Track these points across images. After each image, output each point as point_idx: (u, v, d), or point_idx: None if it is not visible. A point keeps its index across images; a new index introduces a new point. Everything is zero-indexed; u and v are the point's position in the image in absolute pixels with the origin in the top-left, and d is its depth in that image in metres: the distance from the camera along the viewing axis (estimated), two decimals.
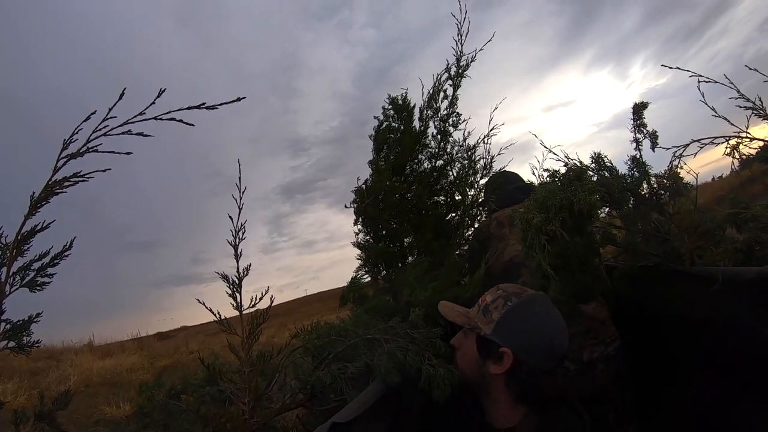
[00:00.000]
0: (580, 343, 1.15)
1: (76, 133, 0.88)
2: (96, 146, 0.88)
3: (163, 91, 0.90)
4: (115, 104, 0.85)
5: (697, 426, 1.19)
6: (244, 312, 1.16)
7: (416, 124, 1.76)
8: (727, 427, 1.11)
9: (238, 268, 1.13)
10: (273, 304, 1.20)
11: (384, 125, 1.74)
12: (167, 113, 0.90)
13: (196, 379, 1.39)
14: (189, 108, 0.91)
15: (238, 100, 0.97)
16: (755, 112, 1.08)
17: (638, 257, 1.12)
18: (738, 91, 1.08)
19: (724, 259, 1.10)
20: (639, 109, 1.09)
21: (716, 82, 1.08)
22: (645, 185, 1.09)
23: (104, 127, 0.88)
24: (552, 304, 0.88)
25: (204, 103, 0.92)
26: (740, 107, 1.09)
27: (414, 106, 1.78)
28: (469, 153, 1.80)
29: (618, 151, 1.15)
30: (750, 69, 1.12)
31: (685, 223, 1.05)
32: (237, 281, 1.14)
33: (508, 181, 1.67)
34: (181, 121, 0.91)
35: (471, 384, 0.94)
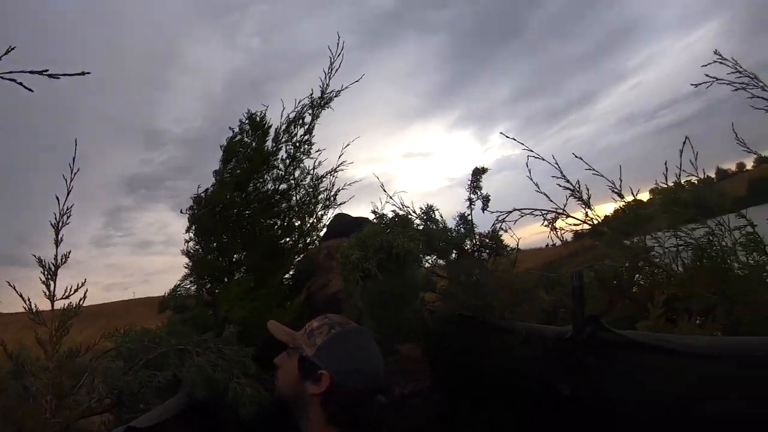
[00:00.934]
0: (394, 379, 1.23)
1: None
2: None
3: (12, 48, 0.88)
4: None
5: None
6: (57, 303, 1.12)
7: (269, 144, 1.84)
8: None
9: (56, 254, 1.10)
10: (97, 303, 1.18)
11: (237, 138, 1.79)
12: (9, 73, 0.87)
13: (0, 371, 1.30)
14: (31, 72, 0.89)
15: (83, 74, 0.97)
16: (572, 193, 1.25)
17: (457, 305, 1.24)
18: (561, 172, 1.25)
19: (533, 316, 1.24)
20: (478, 172, 1.25)
21: (543, 159, 1.25)
22: (468, 241, 1.22)
23: None
24: (372, 338, 0.96)
25: (47, 70, 0.91)
26: (560, 186, 1.26)
27: (270, 126, 1.86)
28: (316, 182, 1.90)
29: (463, 208, 1.29)
30: (576, 157, 1.30)
31: (502, 281, 1.19)
32: (53, 268, 1.10)
33: (345, 216, 1.80)
34: (21, 84, 0.89)
35: (290, 402, 0.99)
